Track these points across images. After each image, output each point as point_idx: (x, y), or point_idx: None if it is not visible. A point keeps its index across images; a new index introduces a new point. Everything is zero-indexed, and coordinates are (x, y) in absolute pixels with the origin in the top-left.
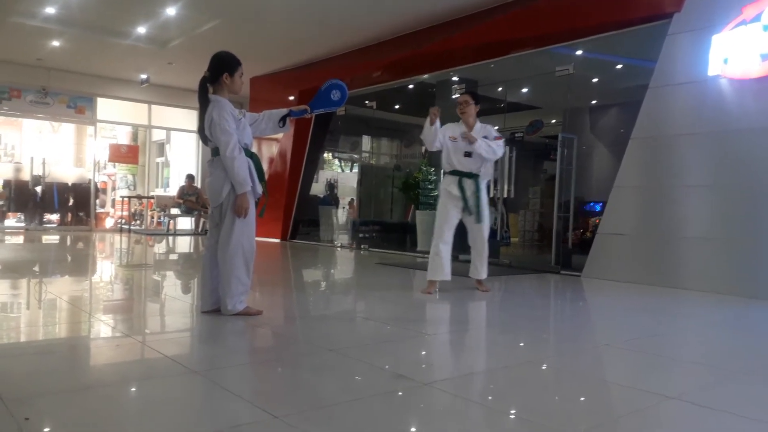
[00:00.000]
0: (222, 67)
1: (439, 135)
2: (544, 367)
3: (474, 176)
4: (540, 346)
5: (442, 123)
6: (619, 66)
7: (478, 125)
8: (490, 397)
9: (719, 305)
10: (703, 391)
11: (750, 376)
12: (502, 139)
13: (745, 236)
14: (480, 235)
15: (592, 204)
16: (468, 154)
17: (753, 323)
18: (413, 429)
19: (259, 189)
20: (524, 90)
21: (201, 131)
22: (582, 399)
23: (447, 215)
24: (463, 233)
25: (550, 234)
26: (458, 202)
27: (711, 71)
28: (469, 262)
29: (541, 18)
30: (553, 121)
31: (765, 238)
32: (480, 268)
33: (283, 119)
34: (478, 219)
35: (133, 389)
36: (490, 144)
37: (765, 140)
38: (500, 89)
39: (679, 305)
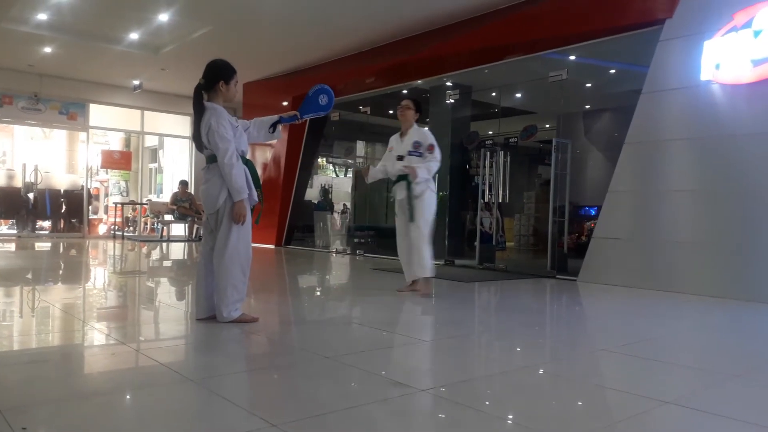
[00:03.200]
0: (218, 74)
1: (380, 174)
2: (540, 373)
3: (404, 177)
4: (536, 351)
5: (438, 128)
6: (612, 71)
7: (414, 129)
8: (487, 403)
9: (713, 308)
10: (699, 395)
11: (745, 378)
12: (436, 150)
13: (738, 240)
14: (411, 233)
15: (587, 208)
16: (400, 158)
17: (746, 326)
18: None
19: (255, 196)
20: (518, 95)
21: (196, 138)
22: (579, 404)
23: (398, 224)
24: (458, 237)
25: (545, 238)
26: (396, 202)
27: (703, 77)
28: (465, 267)
29: (534, 24)
30: (547, 126)
31: (757, 242)
32: (412, 266)
33: (273, 126)
34: (411, 218)
35: (129, 398)
36: (427, 167)
37: (757, 145)
38: (494, 94)
39: (674, 309)
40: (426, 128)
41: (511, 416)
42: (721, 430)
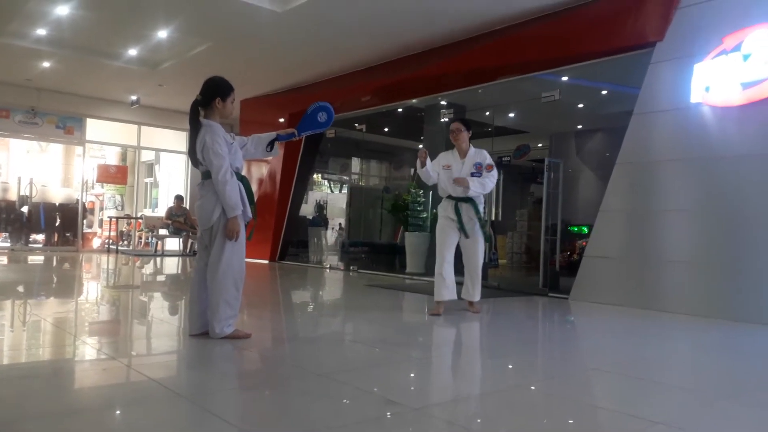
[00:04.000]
0: (215, 91)
1: (431, 172)
2: (533, 390)
3: (470, 200)
4: (529, 370)
5: (433, 147)
6: (604, 92)
7: (472, 150)
8: (479, 421)
9: (704, 328)
10: (690, 416)
11: (735, 399)
12: (494, 169)
13: (728, 260)
14: (474, 257)
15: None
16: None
17: (737, 346)
18: None
19: (249, 212)
20: (511, 115)
21: (192, 154)
22: (570, 422)
23: (445, 238)
24: (458, 255)
25: (537, 256)
26: (455, 225)
27: (693, 99)
28: (458, 284)
29: (527, 45)
30: (540, 145)
31: (747, 262)
32: (472, 290)
33: (270, 143)
34: (487, 239)
35: (120, 413)
36: (482, 182)
37: (746, 166)
38: (488, 114)
39: (665, 328)
40: (485, 150)
41: None
42: None
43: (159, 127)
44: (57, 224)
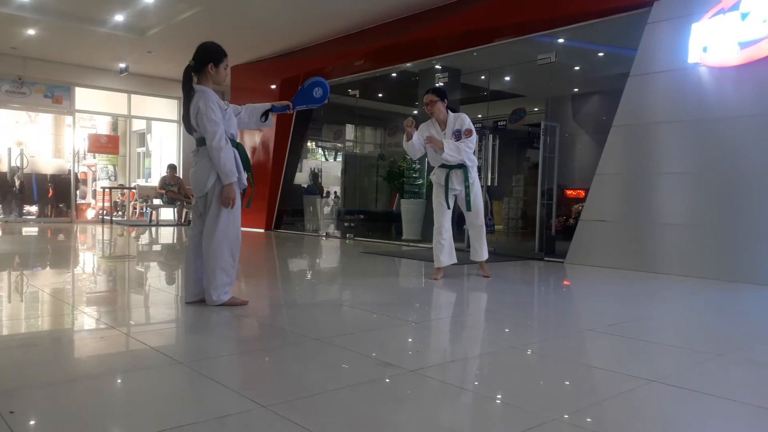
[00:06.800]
0: (207, 57)
1: (417, 145)
2: (528, 353)
3: (462, 167)
4: (524, 332)
5: (426, 113)
6: (601, 54)
7: (451, 117)
8: (476, 383)
9: (699, 289)
10: (684, 373)
11: (729, 358)
12: (473, 134)
13: (724, 222)
14: (475, 220)
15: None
16: None
17: (731, 306)
18: (400, 416)
19: (245, 179)
20: (507, 78)
21: (186, 120)
22: (566, 383)
23: (441, 205)
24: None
25: (533, 221)
26: (449, 192)
27: (690, 59)
28: (460, 250)
29: (523, 6)
30: (536, 109)
31: (743, 224)
32: (479, 251)
33: (265, 114)
34: (468, 207)
35: (119, 381)
36: (458, 146)
37: (743, 127)
38: (483, 77)
39: (660, 290)
40: (464, 114)
41: (499, 395)
42: (705, 408)
43: (149, 96)
44: (50, 195)
